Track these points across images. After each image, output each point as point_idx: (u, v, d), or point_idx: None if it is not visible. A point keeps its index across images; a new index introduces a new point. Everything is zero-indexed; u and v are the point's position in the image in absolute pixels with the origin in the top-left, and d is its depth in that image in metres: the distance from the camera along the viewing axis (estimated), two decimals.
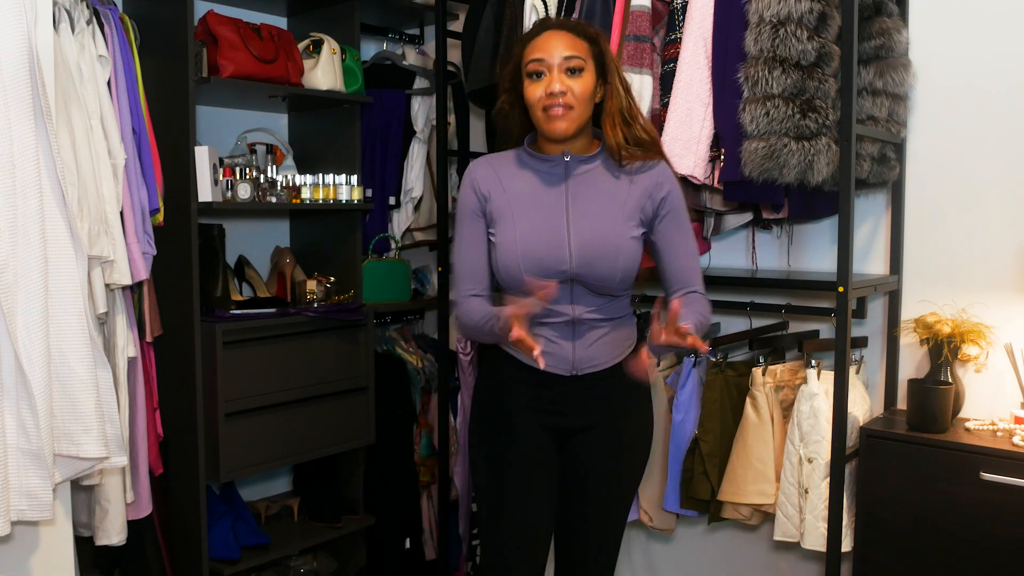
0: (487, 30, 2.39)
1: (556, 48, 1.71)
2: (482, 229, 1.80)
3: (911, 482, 1.97)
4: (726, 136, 2.02)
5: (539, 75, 1.72)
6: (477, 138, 3.01)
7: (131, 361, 2.15)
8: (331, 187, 2.56)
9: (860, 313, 2.32)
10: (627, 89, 1.79)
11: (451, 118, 2.92)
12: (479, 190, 1.80)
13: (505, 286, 1.79)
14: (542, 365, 1.53)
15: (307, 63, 2.58)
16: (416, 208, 3.00)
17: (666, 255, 1.81)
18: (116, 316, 2.09)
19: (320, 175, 2.55)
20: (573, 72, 1.71)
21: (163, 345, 2.32)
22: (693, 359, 2.30)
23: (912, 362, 2.27)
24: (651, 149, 1.80)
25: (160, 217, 2.21)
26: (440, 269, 2.77)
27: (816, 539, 2.07)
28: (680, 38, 2.12)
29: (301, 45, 2.62)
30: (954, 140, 2.19)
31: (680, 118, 2.07)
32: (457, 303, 1.83)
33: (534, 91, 1.73)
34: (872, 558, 2.03)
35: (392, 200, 2.97)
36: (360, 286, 2.74)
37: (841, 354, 1.95)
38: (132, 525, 2.17)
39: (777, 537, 2.15)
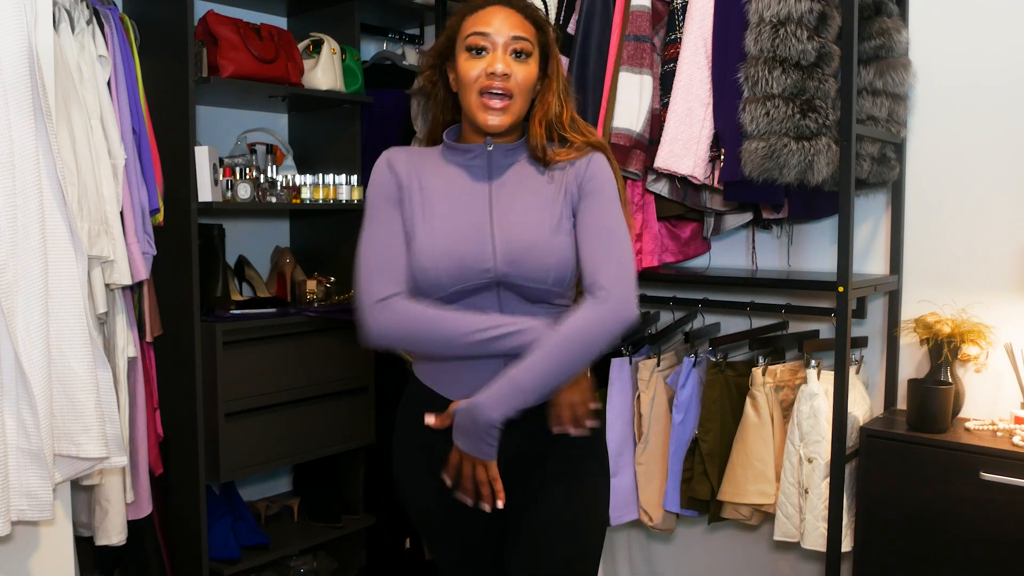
0: None
1: (504, 24, 1.49)
2: (400, 219, 1.52)
3: (911, 482, 1.97)
4: (726, 136, 2.02)
5: (480, 51, 1.49)
6: None
7: (131, 361, 2.15)
8: (331, 187, 2.56)
9: (860, 313, 2.32)
10: (566, 89, 1.57)
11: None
12: (398, 176, 1.53)
13: (422, 296, 1.50)
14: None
15: (307, 63, 2.58)
16: None
17: (578, 241, 1.50)
18: (116, 316, 2.09)
19: (320, 175, 2.55)
20: (519, 55, 1.49)
21: (163, 345, 2.32)
22: (693, 359, 2.30)
23: (912, 362, 2.27)
24: (580, 147, 1.55)
25: (160, 217, 2.21)
26: None
27: (816, 539, 2.07)
28: (680, 38, 2.12)
29: (301, 45, 2.62)
30: (954, 140, 2.19)
31: (680, 118, 2.07)
32: (380, 306, 1.46)
33: (472, 67, 1.48)
34: (872, 558, 2.03)
35: None
36: None
37: (841, 354, 1.95)
38: (132, 525, 2.16)
39: (777, 537, 2.15)
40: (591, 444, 1.57)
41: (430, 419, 1.48)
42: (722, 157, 2.04)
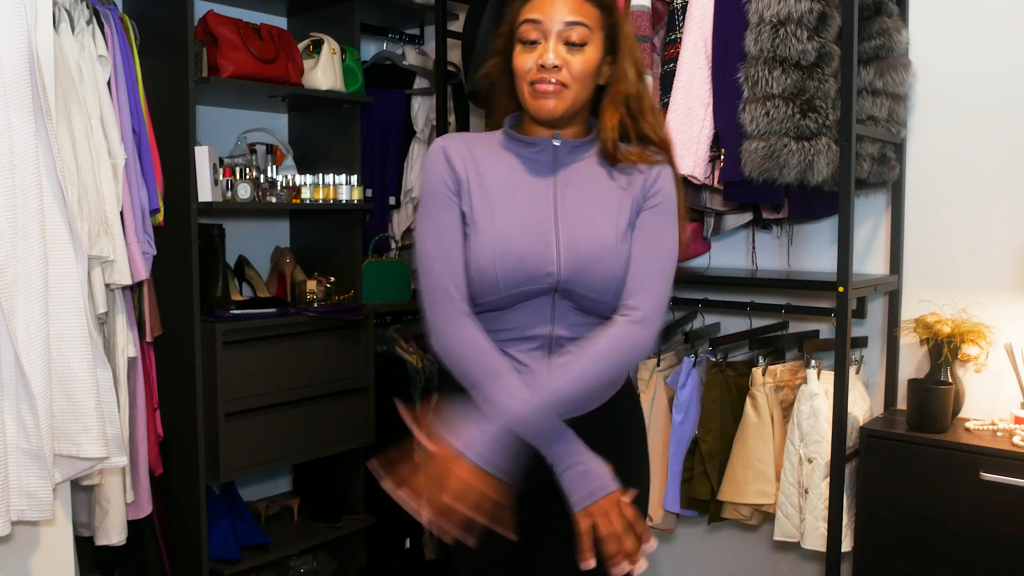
0: (487, 30, 2.39)
1: (557, 11, 1.39)
2: (457, 215, 1.44)
3: (911, 482, 1.97)
4: (726, 136, 2.02)
5: (533, 43, 1.41)
6: None
7: (131, 361, 2.14)
8: (331, 187, 2.56)
9: (860, 313, 2.32)
10: (640, 74, 1.46)
11: (451, 118, 2.92)
12: (454, 167, 1.45)
13: (474, 297, 1.43)
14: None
15: (307, 63, 2.58)
16: (416, 208, 3.00)
17: (631, 254, 1.44)
18: (116, 316, 2.09)
19: (320, 175, 2.55)
20: (574, 45, 1.39)
21: (163, 345, 2.32)
22: (693, 359, 2.30)
23: (912, 362, 2.27)
24: (655, 150, 1.47)
25: (160, 217, 2.21)
26: None
27: (816, 539, 2.07)
28: (680, 38, 2.12)
29: (301, 45, 2.62)
30: (954, 140, 2.19)
31: (680, 118, 2.07)
32: (447, 320, 1.41)
33: (524, 61, 1.41)
34: (872, 558, 2.03)
35: (392, 200, 2.97)
36: (360, 286, 2.74)
37: (841, 354, 1.95)
38: (132, 525, 2.16)
39: (777, 537, 2.15)
40: (631, 462, 1.50)
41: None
42: (722, 157, 2.04)
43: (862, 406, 2.15)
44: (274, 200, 2.48)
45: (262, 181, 2.47)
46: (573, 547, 1.42)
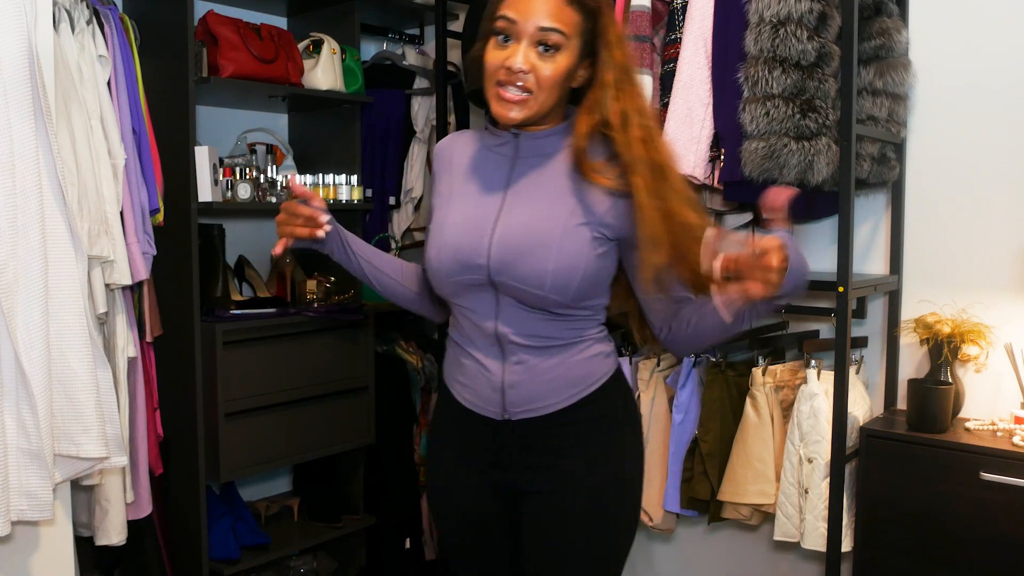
0: None
1: (535, 13, 1.33)
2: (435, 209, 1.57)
3: (911, 482, 1.97)
4: (726, 136, 2.02)
5: (505, 38, 1.35)
6: None
7: (131, 361, 2.14)
8: (331, 187, 2.56)
9: (860, 313, 2.32)
10: (617, 83, 1.36)
11: (451, 118, 2.92)
12: (435, 168, 1.56)
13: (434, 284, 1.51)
14: (277, 249, 1.45)
15: (307, 63, 2.58)
16: (416, 208, 3.00)
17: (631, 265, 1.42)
18: (116, 316, 2.09)
19: (320, 175, 2.55)
20: (547, 49, 1.34)
21: (163, 345, 2.32)
22: (693, 359, 2.30)
23: (912, 362, 2.27)
24: (624, 179, 1.36)
25: (160, 217, 2.21)
26: None
27: (816, 539, 2.07)
28: (680, 38, 2.12)
29: (301, 45, 2.62)
30: (954, 140, 2.19)
31: (680, 118, 2.07)
32: None
33: (493, 57, 1.36)
34: (872, 558, 2.03)
35: (392, 200, 2.97)
36: (360, 286, 2.74)
37: (841, 354, 1.95)
38: (132, 525, 2.16)
39: (777, 537, 2.15)
40: (615, 466, 1.47)
41: None
42: (722, 157, 2.04)
43: (862, 406, 2.15)
44: (274, 200, 2.48)
45: (262, 181, 2.47)
46: (554, 540, 1.45)
